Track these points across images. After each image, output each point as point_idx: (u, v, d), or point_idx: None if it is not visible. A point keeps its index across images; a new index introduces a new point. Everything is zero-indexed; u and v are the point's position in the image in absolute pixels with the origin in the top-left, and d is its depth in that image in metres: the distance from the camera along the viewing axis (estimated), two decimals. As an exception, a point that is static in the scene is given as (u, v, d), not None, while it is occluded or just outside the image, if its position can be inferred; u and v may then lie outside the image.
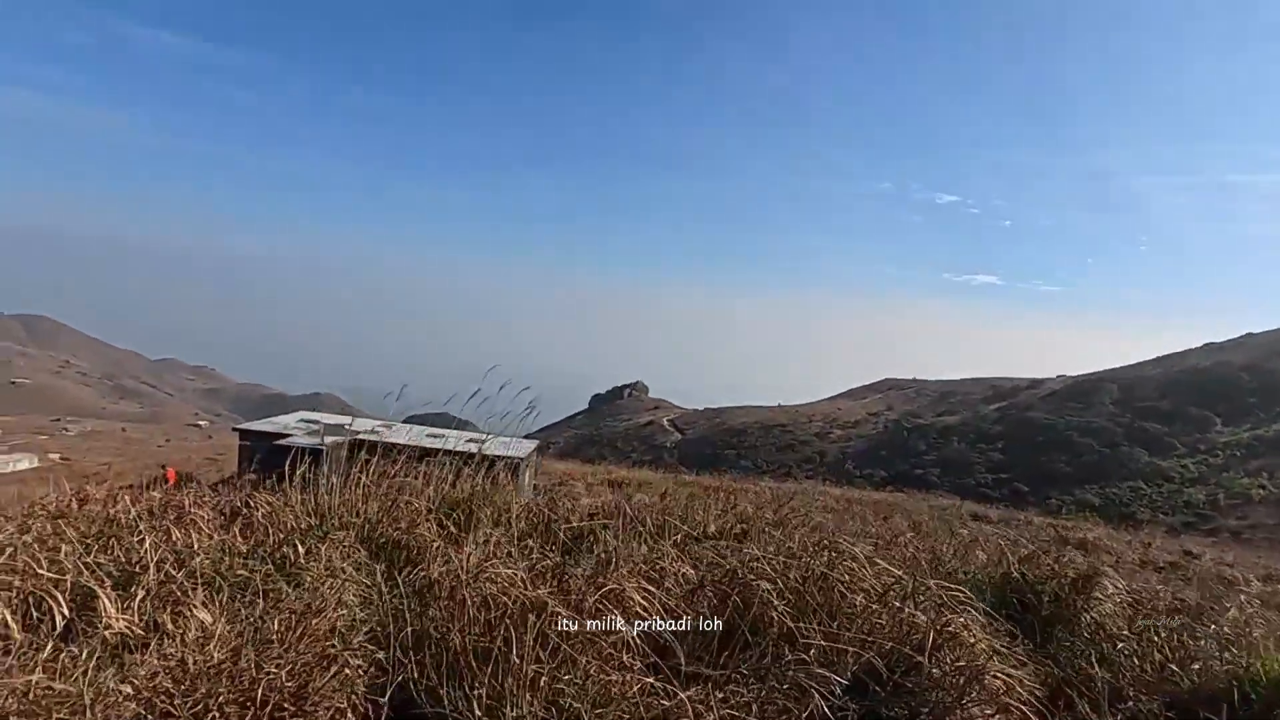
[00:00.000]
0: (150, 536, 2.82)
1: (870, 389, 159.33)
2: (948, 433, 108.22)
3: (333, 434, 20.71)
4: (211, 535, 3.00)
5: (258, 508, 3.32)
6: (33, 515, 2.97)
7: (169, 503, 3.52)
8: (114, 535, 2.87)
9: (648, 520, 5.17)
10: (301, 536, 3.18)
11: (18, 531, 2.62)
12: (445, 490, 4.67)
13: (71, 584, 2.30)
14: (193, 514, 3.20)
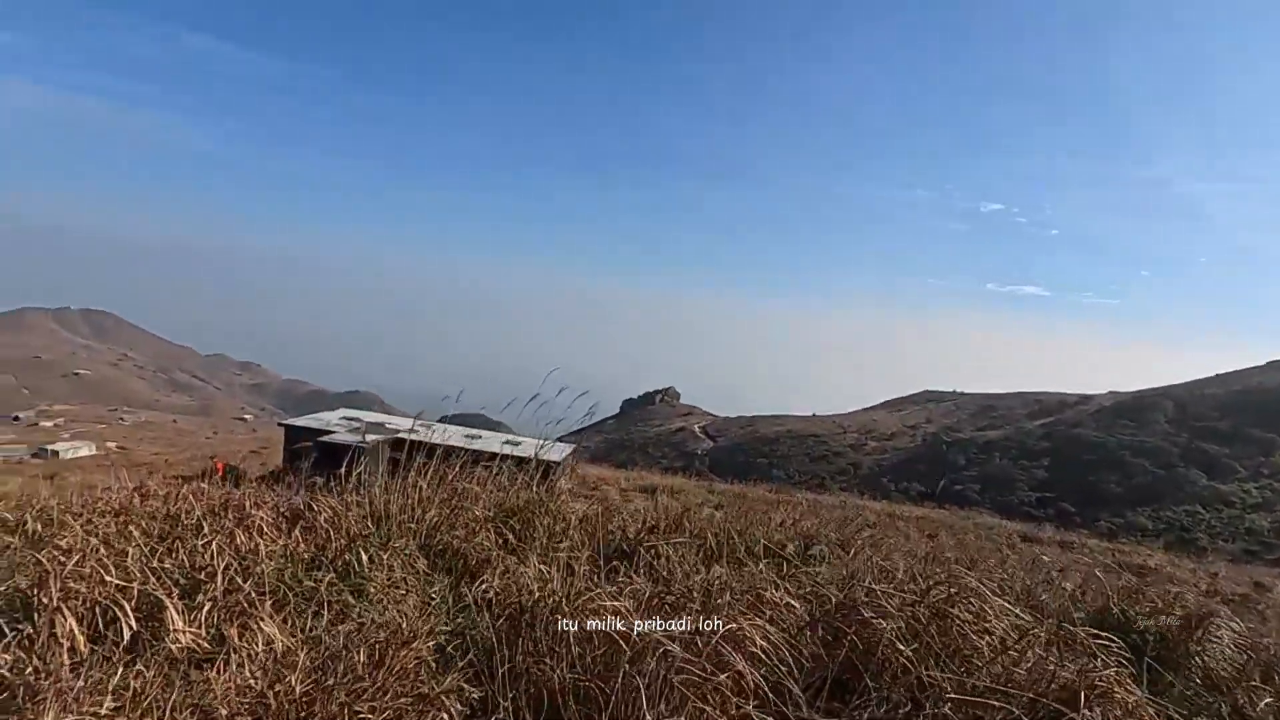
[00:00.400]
0: (214, 538, 2.69)
1: (907, 401, 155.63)
2: (989, 448, 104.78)
3: (374, 432, 21.01)
4: (274, 540, 2.87)
5: (320, 511, 3.18)
6: (97, 512, 2.88)
7: (229, 502, 3.42)
8: (177, 537, 2.75)
9: (708, 535, 4.90)
10: (364, 543, 3.02)
11: (84, 531, 2.52)
12: (502, 496, 4.49)
13: (138, 592, 2.17)
14: (254, 515, 3.07)
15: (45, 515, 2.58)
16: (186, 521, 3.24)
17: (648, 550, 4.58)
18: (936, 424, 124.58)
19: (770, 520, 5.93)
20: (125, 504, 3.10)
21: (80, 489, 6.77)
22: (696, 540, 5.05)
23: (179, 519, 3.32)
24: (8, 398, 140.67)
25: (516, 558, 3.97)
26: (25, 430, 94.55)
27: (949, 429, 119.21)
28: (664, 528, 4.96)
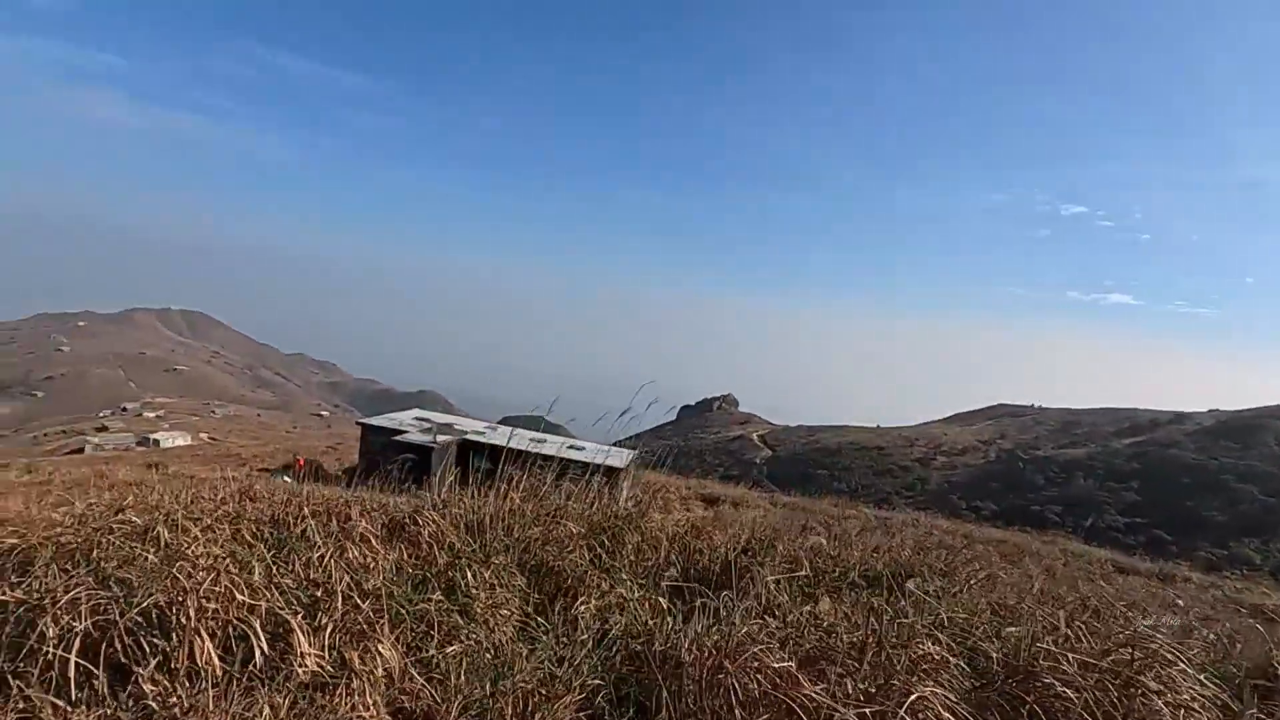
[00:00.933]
0: (327, 551, 2.67)
1: (979, 414, 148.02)
2: (1071, 467, 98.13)
3: (444, 433, 21.60)
4: (382, 554, 2.83)
5: (424, 526, 3.14)
6: (215, 518, 2.92)
7: (331, 507, 3.43)
8: (291, 548, 2.75)
9: (804, 560, 4.62)
10: (469, 560, 2.95)
11: (204, 539, 2.54)
12: (590, 509, 4.36)
13: (266, 610, 2.15)
14: (358, 524, 3.05)
15: (171, 521, 2.63)
16: (293, 527, 3.26)
17: (743, 574, 4.35)
18: (1012, 440, 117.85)
19: (863, 544, 5.57)
20: (238, 509, 3.14)
21: (186, 483, 7.08)
22: (788, 563, 4.78)
23: (286, 523, 3.35)
24: (118, 390, 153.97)
25: (609, 577, 3.83)
26: (132, 420, 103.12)
27: (1026, 445, 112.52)
28: (756, 549, 4.71)
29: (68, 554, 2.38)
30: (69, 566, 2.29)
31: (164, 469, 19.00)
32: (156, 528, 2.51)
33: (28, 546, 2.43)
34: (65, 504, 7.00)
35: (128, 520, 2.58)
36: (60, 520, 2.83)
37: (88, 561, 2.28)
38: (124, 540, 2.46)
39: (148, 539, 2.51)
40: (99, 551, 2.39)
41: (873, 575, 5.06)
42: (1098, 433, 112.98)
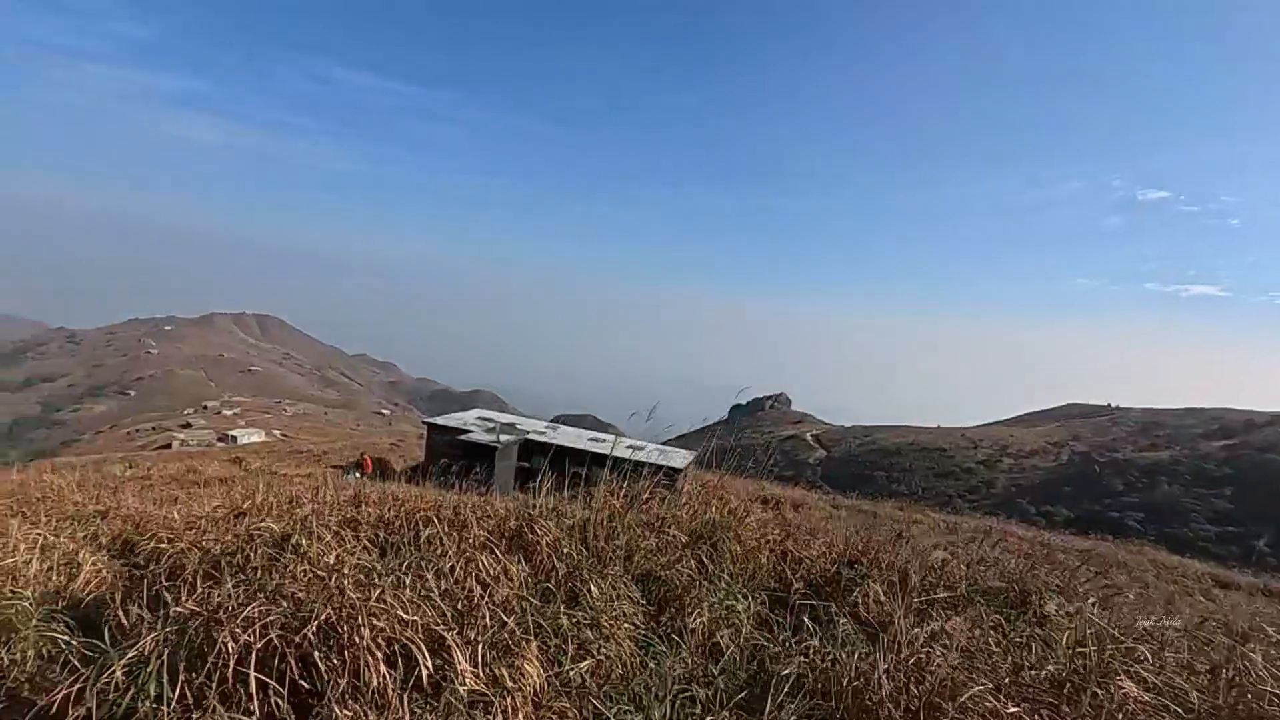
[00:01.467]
0: (456, 559, 2.67)
1: (1049, 415, 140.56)
2: (1154, 471, 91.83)
3: (507, 432, 21.99)
4: (505, 563, 2.81)
5: (542, 534, 3.11)
6: (338, 523, 2.98)
7: (440, 510, 3.44)
8: (423, 558, 2.77)
9: (910, 571, 4.38)
10: (588, 570, 2.90)
11: (337, 547, 2.58)
12: (686, 516, 4.25)
13: (424, 627, 2.15)
14: (473, 531, 3.04)
15: (306, 528, 2.68)
16: (406, 532, 3.28)
17: (849, 586, 4.15)
18: (1086, 442, 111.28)
19: (966, 553, 5.26)
20: (355, 514, 3.19)
21: (285, 483, 7.32)
22: (890, 574, 4.54)
23: (398, 528, 3.38)
24: (199, 389, 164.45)
25: (713, 586, 3.71)
26: (212, 418, 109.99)
27: (1102, 448, 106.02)
28: (855, 558, 4.50)
29: (213, 561, 2.45)
30: (215, 571, 2.35)
31: (247, 465, 20.08)
32: (296, 536, 2.55)
33: (176, 552, 2.51)
34: (171, 501, 7.38)
35: (267, 527, 2.64)
36: (196, 524, 2.94)
37: (240, 570, 2.34)
38: (266, 548, 2.51)
39: (288, 547, 2.56)
40: (240, 557, 2.44)
41: (984, 589, 4.76)
42: (1183, 434, 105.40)
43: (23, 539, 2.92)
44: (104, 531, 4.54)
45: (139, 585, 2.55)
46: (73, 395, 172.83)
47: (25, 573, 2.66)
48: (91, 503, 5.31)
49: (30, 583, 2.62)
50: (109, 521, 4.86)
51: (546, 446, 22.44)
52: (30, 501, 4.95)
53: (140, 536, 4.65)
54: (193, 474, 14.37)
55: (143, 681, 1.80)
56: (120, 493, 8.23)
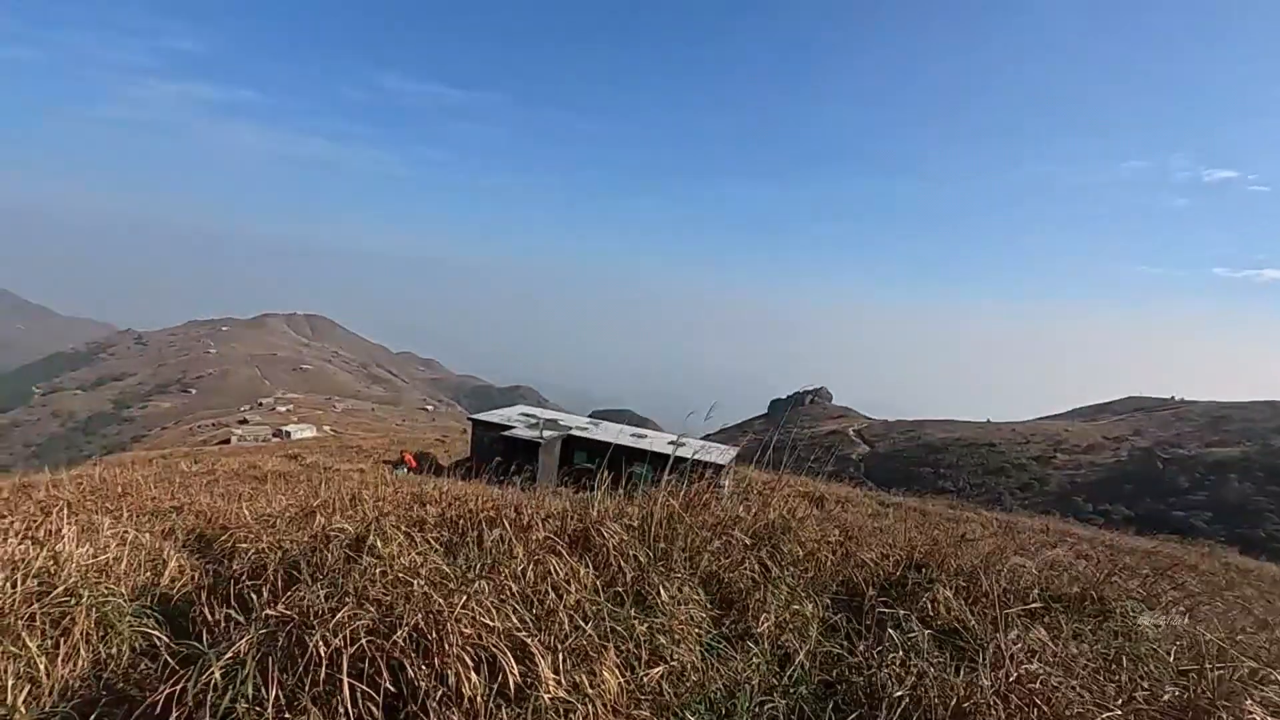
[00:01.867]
0: (527, 562, 2.66)
1: (1107, 409, 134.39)
2: (1222, 468, 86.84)
3: (550, 429, 22.22)
4: (571, 566, 2.79)
5: (609, 536, 3.08)
6: (409, 524, 3.01)
7: (500, 510, 3.46)
8: (495, 561, 2.77)
9: (980, 576, 4.19)
10: (656, 572, 2.86)
11: (408, 546, 2.61)
12: (744, 514, 4.16)
13: (507, 633, 2.14)
14: (535, 532, 3.03)
15: (381, 530, 2.72)
16: (470, 532, 3.29)
17: (916, 591, 3.99)
18: (1148, 437, 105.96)
19: (1033, 556, 5.01)
20: (420, 515, 3.22)
21: (339, 478, 7.47)
22: (958, 579, 4.36)
23: (460, 527, 3.39)
24: (255, 387, 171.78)
25: (775, 589, 3.62)
26: (267, 414, 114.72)
27: (1165, 443, 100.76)
28: (922, 561, 4.33)
29: (292, 561, 2.50)
30: (295, 572, 2.40)
31: (302, 460, 20.82)
32: (371, 538, 2.59)
33: (256, 552, 2.58)
34: (238, 497, 7.65)
35: (341, 528, 2.68)
36: (269, 522, 3.03)
37: (318, 570, 2.38)
38: (342, 549, 2.55)
39: (363, 548, 2.59)
40: (317, 558, 2.48)
41: (1058, 595, 4.53)
42: (1254, 429, 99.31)
43: (112, 536, 3.06)
44: (180, 526, 4.75)
45: (222, 583, 2.63)
46: (141, 393, 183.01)
47: (116, 569, 2.79)
48: (167, 499, 5.57)
49: (121, 579, 2.74)
50: (184, 517, 5.08)
51: (588, 442, 22.58)
52: (113, 497, 5.22)
53: (213, 531, 4.84)
54: (253, 469, 14.98)
55: (240, 682, 1.85)
56: (190, 487, 8.63)
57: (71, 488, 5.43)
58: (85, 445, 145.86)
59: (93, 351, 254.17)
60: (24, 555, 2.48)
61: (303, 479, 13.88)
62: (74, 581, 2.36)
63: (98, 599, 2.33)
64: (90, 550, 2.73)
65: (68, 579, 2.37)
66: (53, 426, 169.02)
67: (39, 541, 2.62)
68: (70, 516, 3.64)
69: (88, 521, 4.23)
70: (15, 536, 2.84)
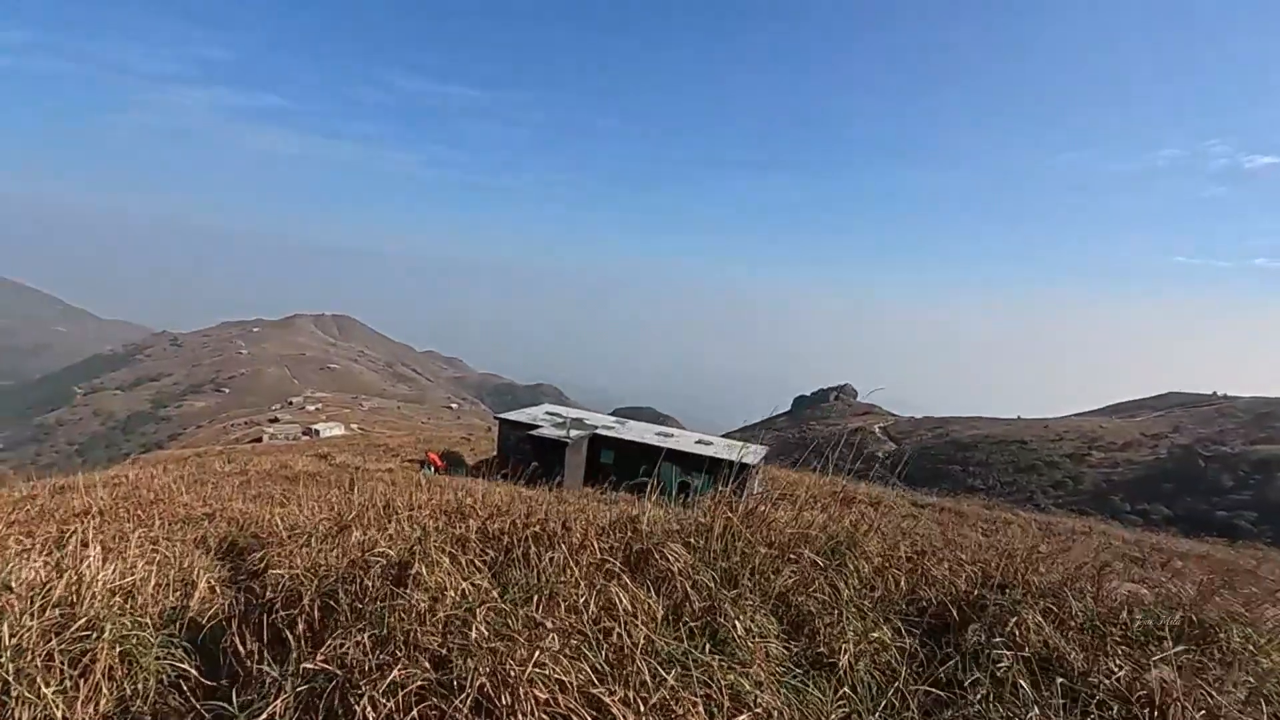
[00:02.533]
0: (589, 593, 2.38)
1: (1145, 405, 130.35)
2: (1268, 466, 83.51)
3: (576, 428, 22.03)
4: (642, 599, 2.49)
5: (674, 559, 2.79)
6: (452, 542, 2.76)
7: (545, 527, 3.19)
8: (553, 589, 2.49)
9: (1069, 599, 3.81)
10: (728, 601, 2.56)
11: (454, 576, 2.35)
12: (817, 532, 3.82)
13: (582, 689, 1.88)
14: (587, 548, 2.75)
15: (425, 554, 2.46)
16: (514, 548, 3.03)
17: (999, 615, 3.63)
18: (1188, 434, 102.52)
19: (1125, 570, 4.60)
20: (463, 533, 2.97)
21: (368, 478, 7.25)
22: (1043, 600, 3.97)
23: (504, 543, 3.14)
24: (284, 386, 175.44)
25: (845, 612, 3.29)
26: (297, 412, 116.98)
27: (1207, 440, 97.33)
28: (1006, 580, 3.95)
29: (328, 590, 2.26)
30: (334, 602, 2.15)
31: (332, 460, 20.97)
32: (416, 565, 2.33)
33: (291, 577, 2.34)
34: (269, 500, 7.52)
35: (383, 553, 2.43)
36: (300, 533, 2.81)
37: (357, 599, 2.14)
38: (385, 577, 2.30)
39: (407, 576, 2.34)
40: (357, 587, 2.24)
41: (1155, 619, 4.11)
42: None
43: (139, 554, 2.87)
44: (211, 534, 4.60)
45: (255, 610, 2.41)
46: (176, 393, 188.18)
47: (144, 590, 2.59)
48: (198, 504, 5.45)
49: (148, 603, 2.54)
50: (216, 524, 4.93)
51: (615, 441, 22.32)
52: (144, 504, 5.10)
53: (245, 539, 4.67)
54: (285, 469, 15.04)
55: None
56: (221, 487, 8.56)
57: (105, 494, 5.33)
58: (124, 444, 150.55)
59: (130, 353, 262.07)
60: (45, 580, 2.29)
61: (332, 480, 13.88)
62: (97, 612, 2.15)
63: (121, 632, 2.12)
64: (116, 571, 2.53)
65: (90, 609, 2.16)
66: (94, 425, 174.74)
67: (60, 567, 2.43)
68: (99, 529, 3.48)
69: (118, 531, 4.08)
70: (39, 554, 2.66)
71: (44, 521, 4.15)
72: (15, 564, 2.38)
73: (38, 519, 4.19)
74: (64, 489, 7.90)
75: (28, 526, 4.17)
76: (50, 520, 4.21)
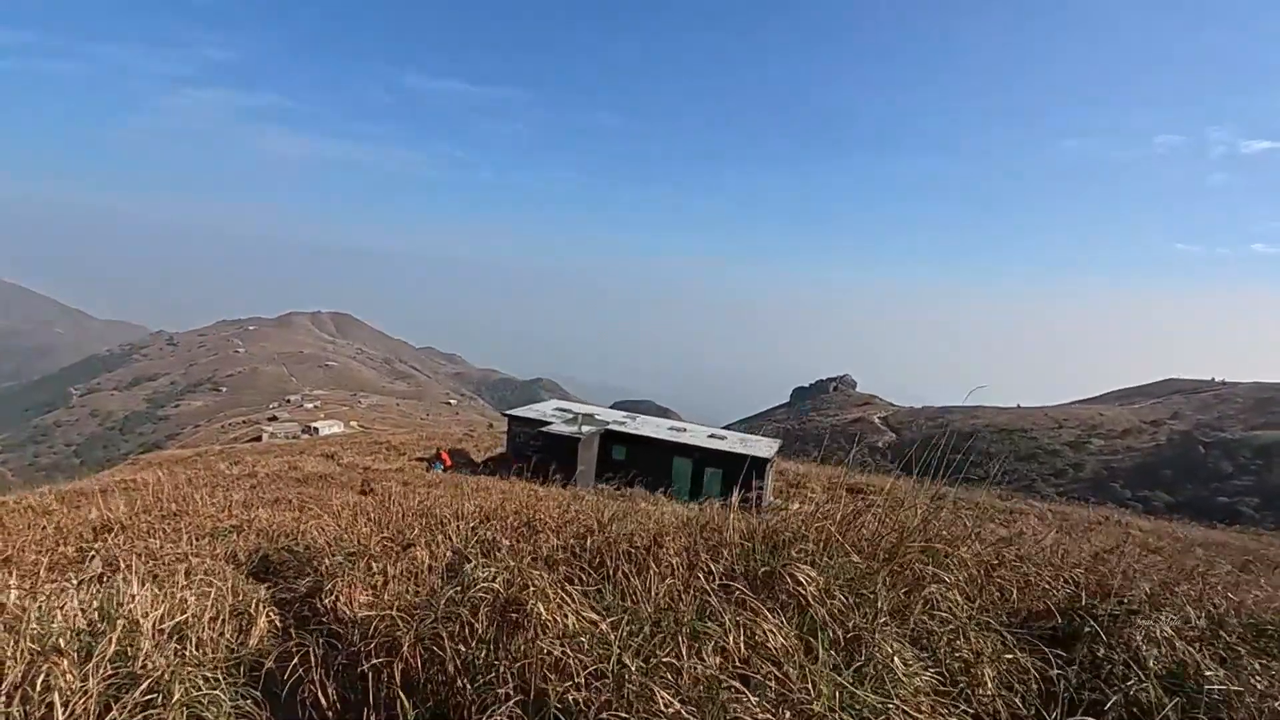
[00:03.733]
0: (735, 632, 2.03)
1: (1144, 392, 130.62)
2: (1269, 452, 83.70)
3: (587, 424, 21.67)
4: (780, 627, 2.16)
5: (806, 582, 2.45)
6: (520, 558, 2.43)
7: (638, 542, 2.84)
8: (693, 629, 2.14)
9: (1185, 606, 3.49)
10: (872, 633, 2.22)
11: (560, 606, 2.02)
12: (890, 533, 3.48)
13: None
14: (722, 583, 2.38)
15: (539, 591, 2.09)
16: (605, 565, 2.69)
17: (1112, 628, 3.30)
18: (1188, 420, 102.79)
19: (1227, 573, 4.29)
20: (532, 547, 2.63)
21: (394, 479, 6.86)
22: (1161, 609, 3.65)
23: (594, 561, 2.79)
24: (283, 385, 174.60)
25: (976, 631, 2.95)
26: (295, 411, 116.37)
27: (1207, 426, 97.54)
28: (1120, 588, 3.63)
29: (410, 645, 1.88)
30: (438, 648, 1.79)
31: (339, 459, 20.61)
32: (532, 601, 1.97)
33: (384, 621, 1.95)
34: (287, 504, 7.14)
35: (488, 587, 2.06)
36: (363, 556, 2.46)
37: (464, 641, 1.77)
38: (491, 617, 1.94)
39: (516, 612, 1.98)
40: (459, 626, 1.88)
41: (1259, 625, 3.80)
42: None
43: (189, 585, 2.52)
44: (240, 548, 4.26)
45: (335, 655, 2.07)
46: (173, 392, 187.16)
47: (198, 629, 2.25)
48: (224, 515, 5.10)
49: (204, 645, 2.19)
50: (245, 537, 4.59)
51: (628, 437, 21.97)
52: (167, 516, 4.75)
53: (275, 549, 4.32)
54: (294, 470, 14.68)
55: None
56: (240, 496, 8.20)
57: (124, 504, 4.98)
58: (122, 444, 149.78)
59: (127, 353, 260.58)
60: (90, 625, 1.94)
61: (345, 481, 13.52)
62: (157, 666, 1.80)
63: (191, 691, 1.76)
64: (165, 609, 2.19)
65: (149, 663, 1.81)
66: (92, 426, 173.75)
67: (106, 612, 2.08)
68: (128, 550, 3.13)
69: (145, 549, 3.73)
70: (74, 590, 2.30)
71: (63, 540, 3.80)
72: (53, 605, 2.03)
73: (55, 537, 3.84)
74: (73, 495, 7.54)
75: (44, 544, 3.83)
76: (69, 539, 3.86)
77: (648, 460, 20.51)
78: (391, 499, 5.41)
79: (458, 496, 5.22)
